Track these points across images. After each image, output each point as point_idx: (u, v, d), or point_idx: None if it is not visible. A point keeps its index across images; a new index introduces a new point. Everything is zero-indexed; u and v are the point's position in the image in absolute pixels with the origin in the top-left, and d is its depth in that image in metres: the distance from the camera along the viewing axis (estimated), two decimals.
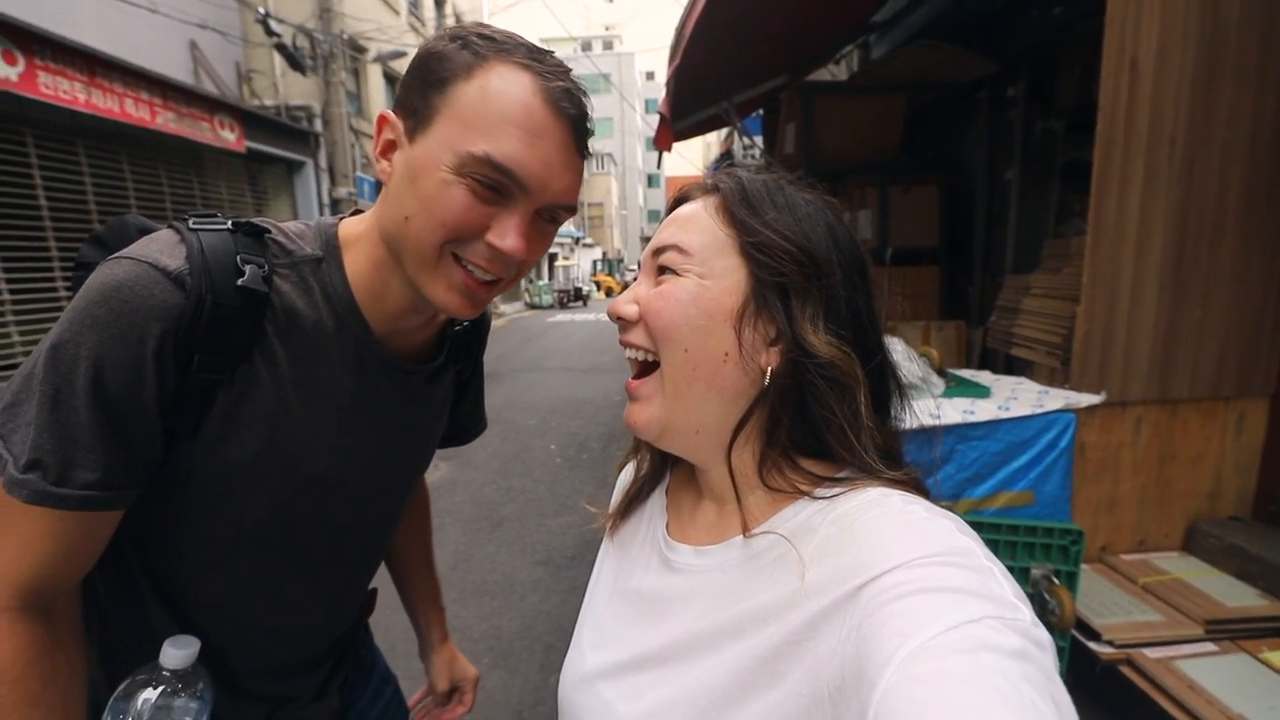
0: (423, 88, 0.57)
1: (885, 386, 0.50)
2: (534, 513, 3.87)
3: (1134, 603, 1.87)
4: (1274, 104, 1.98)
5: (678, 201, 0.55)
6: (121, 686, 0.59)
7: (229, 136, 6.79)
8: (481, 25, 0.59)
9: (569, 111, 0.57)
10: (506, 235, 0.57)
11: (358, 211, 0.70)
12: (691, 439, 0.51)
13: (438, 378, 0.78)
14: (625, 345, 0.53)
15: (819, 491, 0.46)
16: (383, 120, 0.60)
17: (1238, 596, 1.85)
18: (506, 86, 0.55)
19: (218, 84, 7.40)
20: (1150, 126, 1.95)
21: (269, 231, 0.63)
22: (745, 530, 0.48)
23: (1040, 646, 0.32)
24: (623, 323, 0.53)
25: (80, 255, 0.68)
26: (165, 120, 5.84)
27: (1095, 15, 1.95)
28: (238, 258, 0.58)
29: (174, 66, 6.67)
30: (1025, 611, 0.34)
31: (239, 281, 0.57)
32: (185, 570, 0.67)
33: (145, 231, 0.66)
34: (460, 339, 0.81)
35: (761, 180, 0.51)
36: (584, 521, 3.65)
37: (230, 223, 0.60)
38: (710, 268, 0.49)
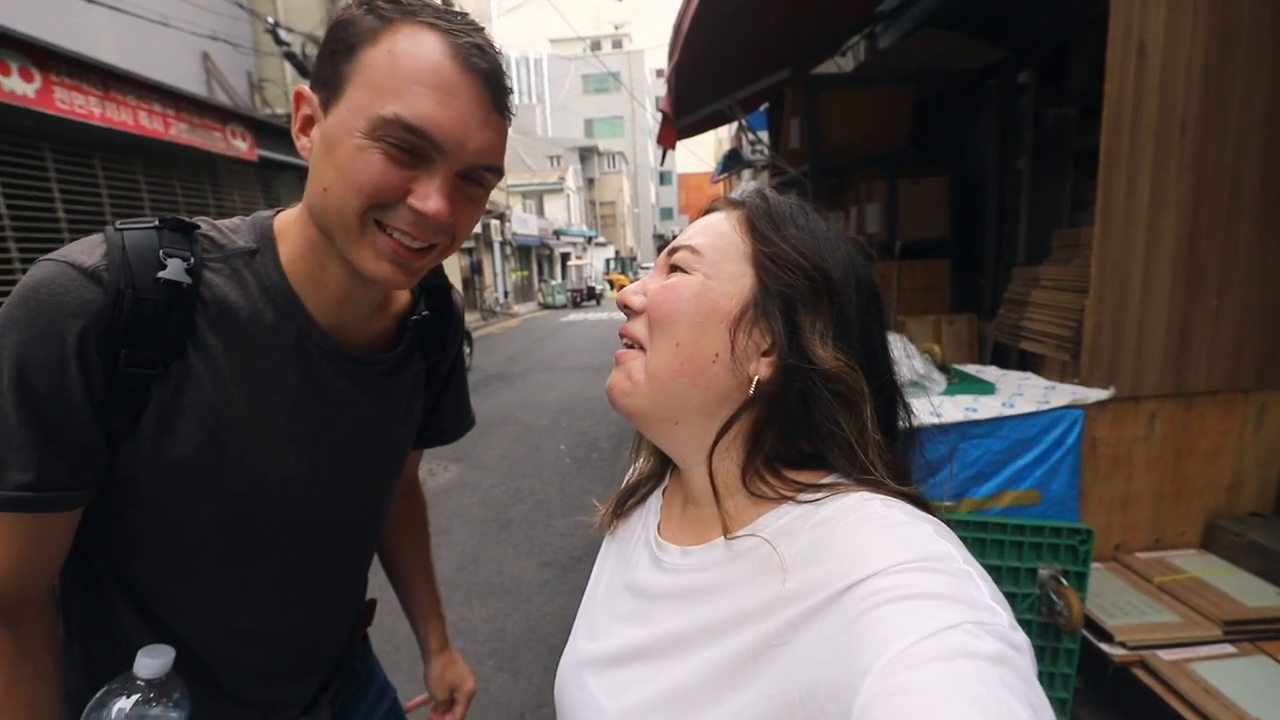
0: (332, 57, 0.57)
1: (893, 412, 0.51)
2: (542, 514, 3.88)
3: (1148, 603, 1.82)
4: None
5: (706, 212, 0.57)
6: (96, 696, 0.59)
7: (241, 145, 6.90)
8: None
9: (480, 67, 0.56)
10: (428, 198, 0.56)
11: None
12: (671, 430, 0.52)
13: (400, 369, 0.77)
14: (623, 335, 0.55)
15: (802, 496, 0.47)
16: (299, 96, 0.59)
17: (1259, 596, 1.78)
18: (413, 47, 0.54)
19: (230, 94, 7.51)
20: (1160, 111, 1.88)
21: (199, 227, 0.63)
22: (727, 532, 0.48)
23: (1018, 650, 0.32)
24: (629, 311, 0.55)
25: None
26: (178, 131, 5.94)
27: None
28: (160, 252, 0.58)
29: (187, 78, 6.77)
30: (1003, 615, 0.34)
31: (159, 274, 0.57)
32: (151, 574, 0.66)
33: None
34: (424, 330, 0.79)
35: (789, 203, 0.53)
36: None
37: (158, 220, 0.61)
38: (717, 270, 0.50)
